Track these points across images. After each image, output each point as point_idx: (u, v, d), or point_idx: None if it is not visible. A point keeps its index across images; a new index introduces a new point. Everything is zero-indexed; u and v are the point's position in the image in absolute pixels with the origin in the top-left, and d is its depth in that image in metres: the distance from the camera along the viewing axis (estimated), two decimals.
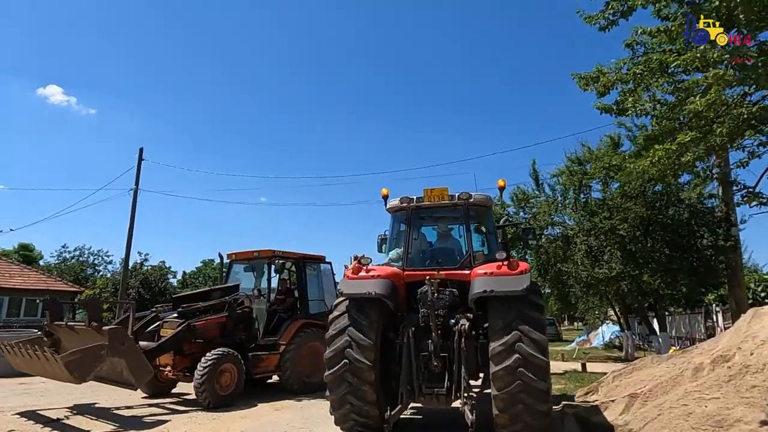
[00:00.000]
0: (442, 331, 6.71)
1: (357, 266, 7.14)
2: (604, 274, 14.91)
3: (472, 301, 6.64)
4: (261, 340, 11.76)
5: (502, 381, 6.00)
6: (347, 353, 6.56)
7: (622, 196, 15.19)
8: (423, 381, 6.72)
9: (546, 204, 17.15)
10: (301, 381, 11.86)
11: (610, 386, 9.72)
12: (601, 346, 33.34)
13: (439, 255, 7.87)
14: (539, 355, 6.01)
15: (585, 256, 15.40)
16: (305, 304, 12.75)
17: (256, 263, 12.73)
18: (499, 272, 6.51)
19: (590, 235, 15.51)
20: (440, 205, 7.81)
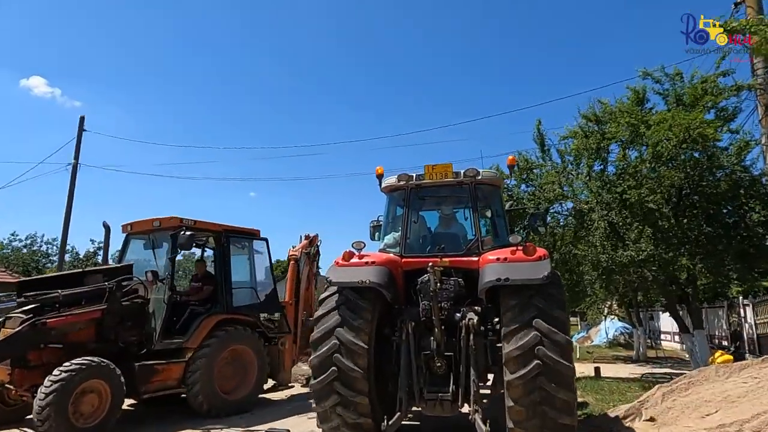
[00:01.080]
0: (446, 326, 6.02)
1: (348, 252, 6.31)
2: (629, 257, 11.54)
3: (482, 292, 5.90)
4: (158, 344, 8.33)
5: (519, 391, 5.25)
6: (336, 359, 5.73)
7: (653, 160, 11.77)
8: (424, 384, 6.00)
9: (553, 173, 13.70)
10: (217, 399, 8.57)
11: (660, 407, 7.34)
12: (605, 343, 30.13)
13: (442, 240, 7.06)
14: (563, 360, 5.23)
15: (605, 236, 12.00)
16: (227, 294, 9.35)
17: (157, 237, 9.29)
18: (514, 258, 5.72)
19: (611, 210, 12.10)
20: (444, 184, 7.02)
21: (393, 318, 6.40)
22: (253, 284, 10.04)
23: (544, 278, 5.44)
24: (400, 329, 6.17)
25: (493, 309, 6.08)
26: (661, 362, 21.24)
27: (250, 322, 9.48)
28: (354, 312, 5.92)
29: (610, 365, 19.86)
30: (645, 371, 17.69)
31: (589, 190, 13.06)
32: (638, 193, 11.87)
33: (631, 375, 16.40)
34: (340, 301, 6.03)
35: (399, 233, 6.99)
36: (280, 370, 10.16)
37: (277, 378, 10.20)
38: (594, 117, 12.97)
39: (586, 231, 12.84)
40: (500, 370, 5.71)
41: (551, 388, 5.13)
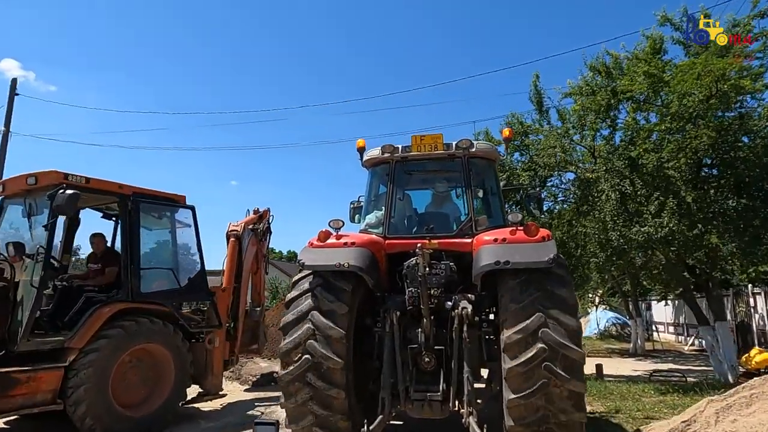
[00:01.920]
0: (435, 316, 5.30)
1: (324, 232, 5.52)
2: (645, 235, 9.48)
3: (478, 277, 5.12)
4: (23, 343, 6.06)
5: (521, 381, 4.50)
6: (310, 346, 4.95)
7: (676, 118, 9.69)
8: (411, 382, 5.26)
9: (554, 135, 11.55)
10: (114, 418, 6.37)
11: (714, 430, 5.30)
12: (596, 335, 28.41)
13: (431, 219, 6.32)
14: (572, 345, 4.48)
15: (616, 210, 9.92)
16: (134, 277, 7.08)
17: (36, 200, 6.92)
18: (513, 238, 5.02)
19: (624, 178, 10.02)
20: (433, 157, 6.30)
21: (375, 307, 5.72)
22: (172, 265, 7.75)
23: (549, 261, 4.70)
24: (383, 319, 5.47)
25: (489, 297, 5.49)
26: (660, 356, 19.45)
27: (163, 312, 7.20)
28: (332, 294, 5.18)
29: (606, 360, 17.93)
30: (648, 367, 15.82)
31: (596, 156, 10.96)
32: (657, 157, 9.80)
33: (634, 372, 14.50)
34: (316, 283, 5.27)
35: (382, 212, 6.24)
36: (207, 375, 7.89)
37: (203, 384, 7.94)
38: (603, 68, 10.82)
39: (591, 204, 10.74)
40: (497, 365, 5.10)
41: (559, 377, 4.42)
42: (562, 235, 13.62)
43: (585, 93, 11.09)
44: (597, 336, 27.77)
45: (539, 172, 11.68)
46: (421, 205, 6.84)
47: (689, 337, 24.29)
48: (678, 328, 26.58)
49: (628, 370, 14.99)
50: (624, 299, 21.85)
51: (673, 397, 9.31)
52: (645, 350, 20.13)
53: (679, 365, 16.53)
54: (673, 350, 21.97)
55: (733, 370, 10.47)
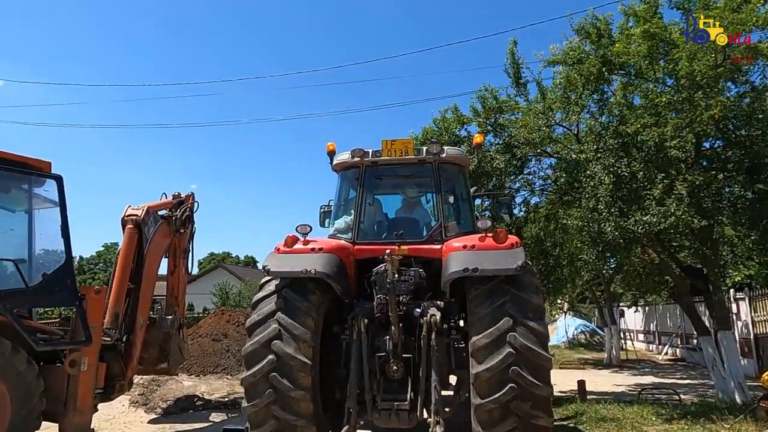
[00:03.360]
0: (404, 323, 5.22)
1: (291, 237, 5.47)
2: (645, 226, 7.80)
3: (447, 284, 5.12)
4: None
5: (489, 385, 4.55)
6: (275, 346, 4.87)
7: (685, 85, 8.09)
8: (378, 391, 5.20)
9: (537, 109, 9.77)
10: None
11: None
12: (564, 343, 27.04)
13: (401, 225, 6.22)
14: (540, 349, 4.58)
15: (610, 196, 8.20)
16: None
17: None
18: (483, 245, 5.06)
19: (620, 158, 8.33)
20: (403, 162, 6.23)
21: (343, 314, 5.69)
22: (20, 255, 5.52)
23: (518, 268, 4.76)
24: (351, 327, 5.40)
25: (457, 303, 5.57)
26: (636, 367, 18.07)
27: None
28: (298, 295, 5.14)
29: (581, 373, 16.39)
30: (628, 381, 14.34)
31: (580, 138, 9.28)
32: (659, 133, 8.15)
33: (617, 388, 12.94)
34: (283, 284, 5.24)
35: (351, 217, 6.19)
36: (68, 411, 5.62)
37: (63, 424, 5.68)
38: (594, 31, 9.13)
39: (579, 191, 9.01)
40: (465, 373, 5.10)
41: (526, 382, 4.45)
42: (538, 231, 11.95)
43: (571, 61, 9.39)
44: (566, 345, 26.38)
45: (517, 153, 9.91)
46: (390, 211, 6.80)
47: (660, 345, 23.17)
48: (649, 336, 25.50)
49: (609, 384, 13.40)
50: (597, 305, 20.45)
51: (681, 425, 7.62)
52: (620, 361, 18.70)
53: (661, 378, 15.11)
54: (646, 360, 20.70)
55: (741, 389, 8.88)
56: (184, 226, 8.48)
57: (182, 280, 8.67)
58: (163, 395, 10.25)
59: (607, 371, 17.00)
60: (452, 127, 10.83)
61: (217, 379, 12.30)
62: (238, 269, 48.88)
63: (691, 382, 14.15)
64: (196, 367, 13.30)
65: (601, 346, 25.78)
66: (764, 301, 15.13)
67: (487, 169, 10.50)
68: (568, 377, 14.80)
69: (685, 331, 20.67)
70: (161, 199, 8.34)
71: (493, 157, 10.45)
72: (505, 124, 10.58)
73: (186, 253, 8.73)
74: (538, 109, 9.69)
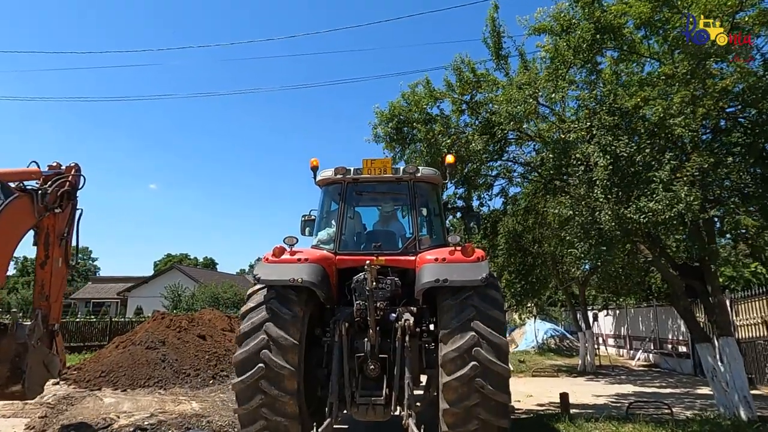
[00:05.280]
0: (380, 327, 5.81)
1: (279, 248, 6.01)
2: (648, 214, 6.62)
3: (420, 293, 5.78)
4: None
5: (456, 393, 5.22)
6: (264, 355, 5.41)
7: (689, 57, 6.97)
8: (357, 388, 5.76)
9: (514, 86, 8.48)
10: None
11: None
12: (533, 348, 26.03)
13: (379, 237, 6.85)
14: (500, 362, 5.24)
15: (608, 180, 6.98)
16: None
17: None
18: (452, 258, 5.71)
19: (618, 138, 7.12)
20: (381, 179, 6.84)
21: (325, 318, 6.25)
22: None
23: (482, 280, 5.40)
24: (332, 330, 5.94)
25: (429, 310, 6.11)
26: (611, 374, 17.10)
27: None
28: (284, 306, 5.64)
29: (556, 381, 15.30)
30: (607, 390, 13.24)
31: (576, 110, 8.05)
32: (664, 106, 6.98)
33: (598, 399, 11.79)
34: (270, 296, 5.71)
35: (333, 229, 6.72)
36: None
37: None
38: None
39: (570, 174, 7.78)
40: (434, 373, 5.74)
41: (488, 391, 5.12)
42: (516, 225, 10.70)
43: (560, 28, 8.17)
44: (535, 350, 25.36)
45: (498, 133, 8.61)
46: (369, 224, 7.36)
47: (632, 351, 22.43)
48: (619, 341, 24.78)
49: (589, 395, 12.25)
50: (572, 309, 19.48)
51: None
52: (594, 368, 17.71)
53: (641, 386, 14.11)
54: (620, 366, 19.83)
55: (747, 403, 7.79)
56: (60, 204, 6.70)
57: (57, 274, 6.78)
58: (72, 417, 8.48)
59: (583, 379, 15.94)
60: (423, 103, 9.46)
61: (146, 395, 10.52)
62: (194, 271, 46.39)
63: (673, 391, 13.18)
64: (124, 379, 11.48)
65: (572, 351, 24.91)
66: (746, 304, 14.40)
67: (462, 152, 9.19)
68: (543, 387, 13.64)
69: (659, 335, 19.96)
70: (29, 167, 6.57)
71: (469, 139, 9.14)
72: (484, 101, 9.29)
73: (63, 241, 6.92)
74: (521, 79, 8.41)
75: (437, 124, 9.33)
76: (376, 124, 10.05)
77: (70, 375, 12.13)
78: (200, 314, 17.56)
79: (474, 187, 9.82)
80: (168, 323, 14.50)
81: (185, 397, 10.39)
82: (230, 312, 25.14)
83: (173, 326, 14.35)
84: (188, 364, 12.61)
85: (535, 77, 8.39)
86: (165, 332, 13.87)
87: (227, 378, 12.81)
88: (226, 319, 17.67)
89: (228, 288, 33.09)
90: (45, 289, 6.52)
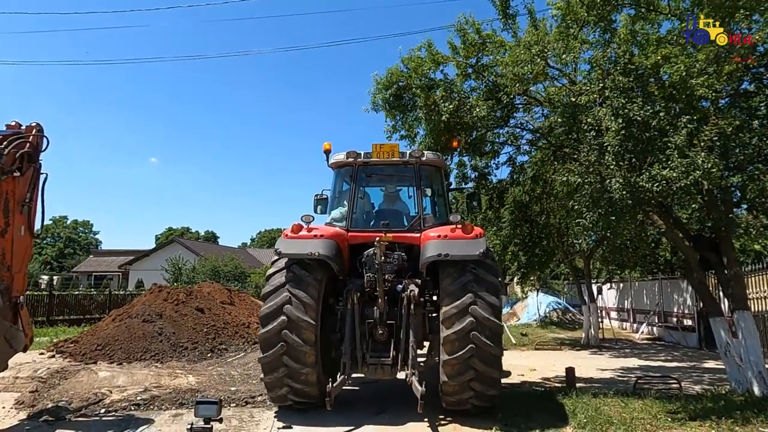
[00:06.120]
0: (388, 297, 6.50)
1: (297, 225, 6.77)
2: (662, 182, 6.20)
3: (423, 266, 6.54)
4: None
5: (454, 345, 5.99)
6: (286, 309, 6.28)
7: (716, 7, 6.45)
8: (367, 350, 6.56)
9: (522, 46, 7.95)
10: None
11: None
12: (536, 321, 25.92)
13: (387, 216, 7.53)
14: (494, 318, 6.06)
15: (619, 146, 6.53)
16: None
17: None
18: (453, 235, 6.38)
19: (632, 100, 6.64)
20: (389, 163, 7.52)
21: (338, 289, 7.04)
22: None
23: (480, 255, 6.17)
24: (345, 299, 6.66)
25: (432, 282, 6.86)
26: (615, 347, 16.91)
27: None
28: (301, 289, 6.37)
29: (559, 354, 15.11)
30: (612, 364, 13.03)
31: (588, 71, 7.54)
32: (687, 64, 6.49)
33: (603, 373, 11.56)
34: (288, 278, 6.44)
35: (345, 208, 7.42)
36: None
37: None
38: None
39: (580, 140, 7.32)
40: (437, 338, 6.39)
41: (482, 343, 5.90)
42: (523, 195, 10.28)
43: None
44: (538, 323, 25.23)
45: (504, 99, 8.13)
46: (378, 203, 8.07)
47: (636, 324, 22.26)
48: (622, 314, 24.61)
49: (593, 369, 12.01)
50: (576, 282, 19.19)
51: (705, 428, 6.16)
52: (598, 341, 17.52)
53: (645, 360, 13.90)
54: (623, 339, 19.65)
55: (762, 378, 7.50)
56: (19, 167, 6.22)
57: (20, 243, 6.32)
58: (65, 391, 8.25)
59: (587, 352, 15.73)
60: (424, 68, 8.93)
61: (142, 368, 10.32)
62: (195, 244, 46.24)
63: (680, 365, 12.95)
64: (120, 353, 11.31)
65: (574, 324, 24.77)
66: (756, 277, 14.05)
67: (466, 119, 8.71)
68: (547, 360, 13.42)
69: (663, 309, 19.74)
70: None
71: (474, 104, 8.65)
72: (490, 64, 8.76)
73: (26, 207, 6.44)
74: (530, 39, 7.87)
75: (440, 90, 8.84)
76: (375, 91, 9.58)
77: (67, 348, 11.96)
78: (199, 287, 17.32)
79: (480, 155, 9.38)
80: (165, 296, 14.27)
81: (182, 371, 10.17)
82: (231, 285, 24.98)
83: (171, 299, 14.12)
84: (186, 337, 12.41)
85: (544, 36, 7.85)
86: (162, 305, 13.64)
87: (225, 351, 12.63)
88: (225, 292, 17.46)
89: (229, 261, 32.85)
90: (6, 258, 6.06)
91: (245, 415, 6.91)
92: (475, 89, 9.09)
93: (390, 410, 7.13)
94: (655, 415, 6.71)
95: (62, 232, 65.58)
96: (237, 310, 16.10)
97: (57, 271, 53.02)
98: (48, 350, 12.03)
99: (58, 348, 12.03)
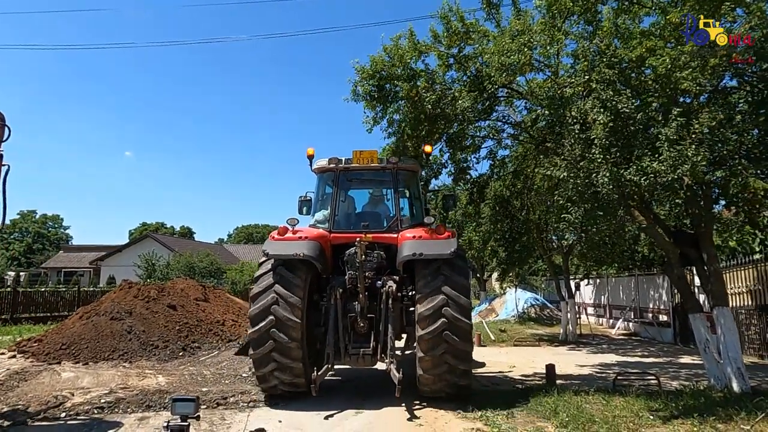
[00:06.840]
0: (369, 292, 7.08)
1: (283, 228, 7.28)
2: (651, 176, 6.08)
3: (400, 264, 7.15)
4: None
5: (429, 344, 6.60)
6: (274, 310, 6.75)
7: None
8: (349, 342, 7.15)
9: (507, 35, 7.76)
10: None
11: None
12: (513, 317, 25.95)
13: (367, 218, 8.11)
14: (464, 318, 6.67)
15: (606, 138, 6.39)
16: None
17: None
18: (427, 236, 7.02)
19: (619, 92, 6.51)
20: (369, 168, 8.10)
21: (322, 286, 7.55)
22: None
23: (451, 254, 6.78)
24: (328, 295, 7.25)
25: (408, 278, 7.41)
26: (592, 343, 16.99)
27: None
28: (288, 290, 6.86)
29: (537, 350, 15.09)
30: (591, 360, 13.02)
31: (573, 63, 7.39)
32: (672, 56, 6.38)
33: (582, 369, 11.52)
34: (275, 280, 6.93)
35: (328, 211, 7.99)
36: None
37: None
38: None
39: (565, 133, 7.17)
40: (413, 330, 7.03)
41: (453, 341, 6.57)
42: (503, 190, 10.13)
43: None
44: (515, 319, 25.27)
45: (488, 88, 7.94)
46: (359, 206, 8.70)
47: (612, 320, 22.47)
48: (599, 310, 24.84)
49: (572, 365, 11.98)
50: (554, 278, 19.23)
51: (687, 426, 6.07)
52: (576, 338, 17.58)
53: (622, 356, 13.94)
54: (600, 335, 19.79)
55: (741, 375, 7.48)
56: None
57: None
58: (23, 394, 7.79)
59: (565, 348, 15.75)
60: (407, 57, 8.68)
61: (109, 368, 9.88)
62: (169, 239, 45.25)
63: (656, 360, 13.02)
64: (86, 352, 10.82)
65: (552, 320, 24.87)
66: (731, 273, 14.21)
67: (447, 111, 8.50)
68: (526, 357, 13.36)
69: (639, 304, 19.93)
70: None
71: (456, 96, 8.44)
72: (473, 54, 8.55)
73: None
74: (516, 27, 7.67)
75: (421, 80, 8.60)
76: (356, 81, 9.27)
77: (30, 348, 11.39)
78: (172, 283, 16.79)
79: (460, 149, 9.18)
80: (136, 293, 13.75)
81: (151, 371, 9.76)
82: (206, 281, 24.39)
83: (141, 296, 13.61)
84: (156, 335, 11.96)
85: (529, 27, 7.67)
86: (132, 302, 13.14)
87: (198, 350, 12.21)
88: (200, 288, 16.93)
89: (204, 257, 32.19)
90: None
91: (216, 417, 6.59)
92: (456, 80, 8.88)
93: (371, 397, 7.71)
94: (637, 412, 6.61)
95: (30, 226, 63.58)
96: (212, 307, 15.65)
97: (24, 267, 51.34)
98: (9, 350, 11.46)
99: (20, 347, 11.47)
